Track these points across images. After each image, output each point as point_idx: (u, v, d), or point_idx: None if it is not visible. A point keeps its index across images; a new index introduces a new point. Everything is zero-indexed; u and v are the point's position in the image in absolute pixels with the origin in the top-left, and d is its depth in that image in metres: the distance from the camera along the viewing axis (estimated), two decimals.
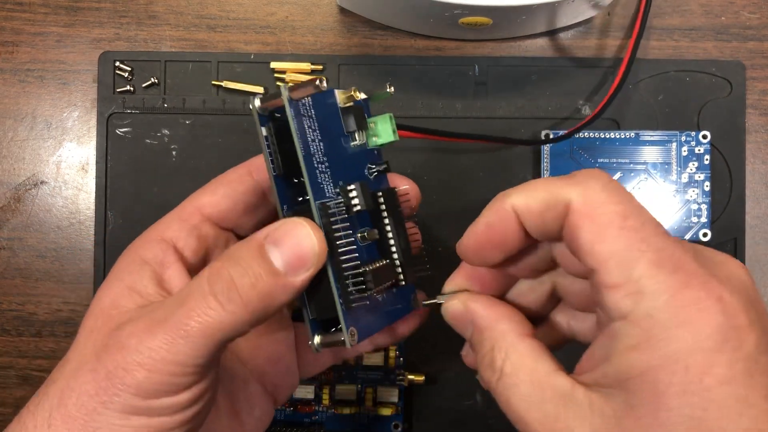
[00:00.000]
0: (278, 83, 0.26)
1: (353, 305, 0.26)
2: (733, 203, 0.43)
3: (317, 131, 0.27)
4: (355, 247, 0.27)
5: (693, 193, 0.42)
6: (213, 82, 0.43)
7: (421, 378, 0.42)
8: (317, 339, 0.26)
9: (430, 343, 0.42)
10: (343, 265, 0.26)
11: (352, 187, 0.27)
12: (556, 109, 0.43)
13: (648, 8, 0.41)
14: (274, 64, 0.43)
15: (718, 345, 0.21)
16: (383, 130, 0.29)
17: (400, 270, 0.29)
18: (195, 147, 0.43)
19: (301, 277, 0.25)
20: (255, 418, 0.32)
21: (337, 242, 0.26)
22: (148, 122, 0.43)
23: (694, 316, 0.21)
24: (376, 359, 0.42)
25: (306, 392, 0.42)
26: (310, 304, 0.27)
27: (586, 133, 0.42)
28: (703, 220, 0.42)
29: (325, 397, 0.42)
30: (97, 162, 0.43)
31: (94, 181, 0.43)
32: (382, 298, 0.29)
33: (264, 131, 0.26)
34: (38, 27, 0.44)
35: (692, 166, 0.42)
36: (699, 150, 0.42)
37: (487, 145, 0.43)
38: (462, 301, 0.27)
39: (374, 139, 0.30)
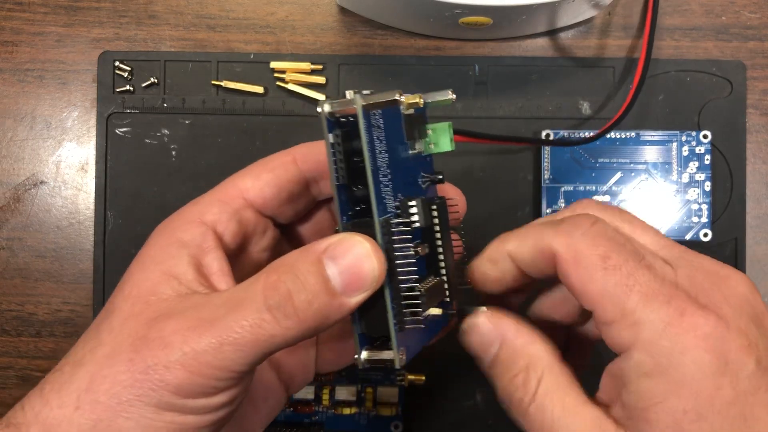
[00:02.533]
0: (352, 91, 0.25)
1: (407, 327, 0.25)
2: (733, 203, 0.43)
3: (384, 142, 0.25)
4: (414, 268, 0.26)
5: (693, 193, 0.42)
6: (213, 82, 0.43)
7: (421, 378, 0.42)
8: (365, 355, 0.25)
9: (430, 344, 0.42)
10: (400, 286, 0.25)
11: (413, 203, 0.26)
12: (556, 109, 0.43)
13: (656, 8, 0.41)
14: (273, 64, 0.43)
15: (721, 368, 0.22)
16: (442, 139, 0.28)
17: (447, 286, 0.28)
18: (195, 147, 0.43)
19: (357, 299, 0.24)
20: (269, 407, 0.31)
21: (396, 261, 0.25)
22: (147, 122, 0.43)
23: (693, 342, 0.22)
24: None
25: (306, 392, 0.42)
26: (361, 320, 0.25)
27: (586, 133, 0.42)
28: (704, 220, 0.42)
29: (325, 397, 0.42)
30: (96, 162, 0.43)
31: (93, 181, 0.43)
32: (429, 316, 0.28)
33: (331, 138, 0.25)
34: (38, 27, 0.44)
35: (693, 166, 0.42)
36: (699, 150, 0.42)
37: (487, 145, 0.43)
38: (489, 319, 0.27)
39: (431, 146, 0.28)
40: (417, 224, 0.26)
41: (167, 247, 0.27)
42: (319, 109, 0.24)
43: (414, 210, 0.26)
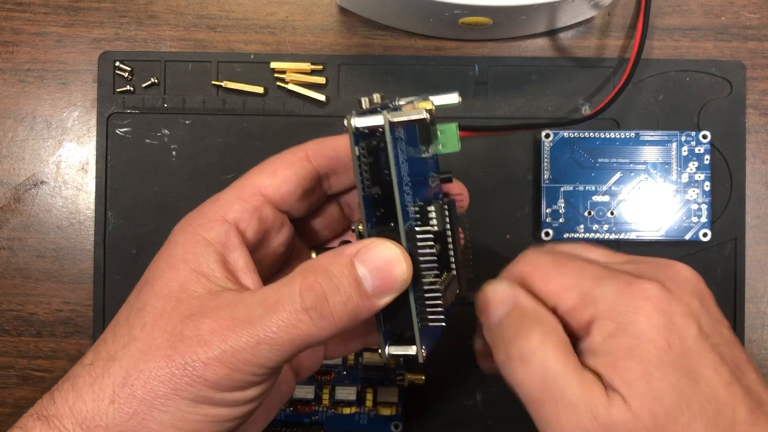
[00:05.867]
0: (377, 97, 0.26)
1: (430, 324, 0.27)
2: (733, 203, 0.43)
3: (404, 152, 0.27)
4: (435, 271, 0.27)
5: (693, 193, 0.42)
6: (213, 82, 0.43)
7: (421, 378, 0.42)
8: (390, 350, 0.27)
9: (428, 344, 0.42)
10: (424, 288, 0.27)
11: (431, 208, 0.27)
12: (556, 109, 0.43)
13: (648, 9, 0.41)
14: (274, 64, 0.43)
15: (668, 327, 0.26)
16: (449, 140, 0.29)
17: (458, 279, 0.30)
18: (195, 147, 0.43)
19: (385, 300, 0.26)
20: (280, 393, 0.33)
21: (419, 265, 0.26)
22: (148, 122, 0.43)
23: (642, 303, 0.26)
24: (377, 359, 0.42)
25: (306, 392, 0.42)
26: (385, 318, 0.27)
27: (586, 133, 0.42)
28: (703, 220, 0.42)
29: (325, 397, 0.42)
30: (97, 162, 0.43)
31: (94, 181, 0.43)
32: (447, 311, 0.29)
33: (357, 150, 0.26)
34: (38, 27, 0.44)
35: (692, 166, 0.42)
36: (699, 150, 0.42)
37: (487, 144, 0.43)
38: (506, 284, 0.29)
39: (439, 147, 0.29)
40: (435, 228, 0.28)
41: (194, 246, 0.27)
42: (346, 123, 0.25)
43: (432, 215, 0.28)
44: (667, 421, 0.25)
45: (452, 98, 0.29)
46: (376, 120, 0.25)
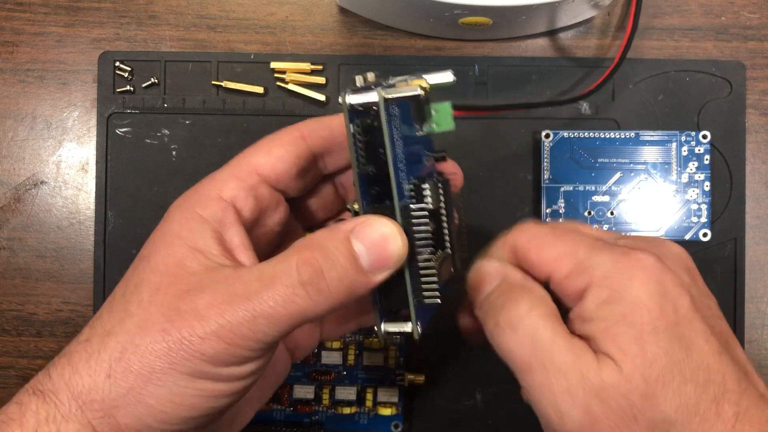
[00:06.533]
0: (372, 75, 0.26)
1: (425, 302, 0.27)
2: (733, 203, 0.43)
3: (398, 129, 0.27)
4: (429, 248, 0.27)
5: (693, 193, 0.42)
6: (213, 82, 0.43)
7: (421, 378, 0.42)
8: (386, 327, 0.28)
9: (430, 344, 0.42)
10: (419, 265, 0.27)
11: (426, 186, 0.27)
12: (556, 109, 0.43)
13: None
14: (274, 64, 0.43)
15: (662, 295, 0.26)
16: (443, 118, 0.29)
17: (453, 258, 0.30)
18: (195, 147, 0.43)
19: (381, 276, 0.26)
20: (276, 373, 0.33)
21: (414, 242, 0.27)
22: (148, 122, 0.43)
23: (638, 272, 0.26)
24: (376, 359, 0.42)
25: (306, 392, 0.42)
26: (381, 295, 0.27)
27: (586, 133, 0.42)
28: (703, 220, 0.42)
29: (325, 397, 0.42)
30: (97, 162, 0.43)
31: (94, 181, 0.43)
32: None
33: (352, 128, 0.26)
34: (38, 27, 0.44)
35: (692, 166, 0.42)
36: (699, 150, 0.42)
37: (487, 144, 0.43)
38: (494, 261, 0.30)
39: (433, 126, 0.29)
40: (430, 206, 0.27)
41: (190, 222, 0.27)
42: (341, 100, 0.25)
43: (427, 193, 0.27)
44: (658, 384, 0.25)
45: (446, 77, 0.28)
46: (371, 96, 0.25)
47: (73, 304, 0.44)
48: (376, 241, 0.26)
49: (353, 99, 0.26)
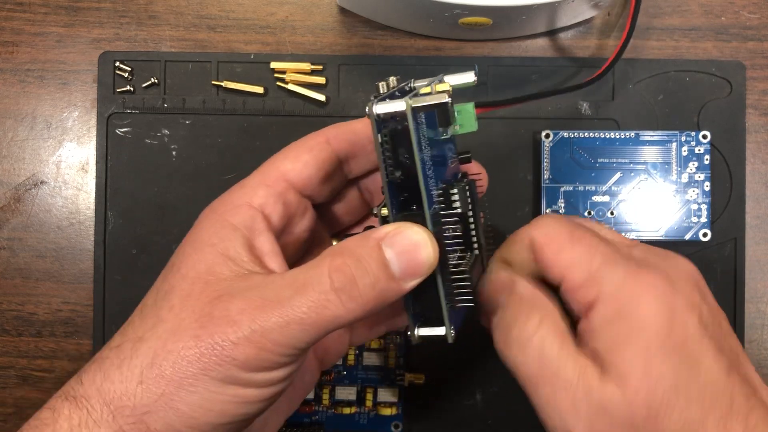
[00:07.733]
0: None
1: (458, 306, 0.27)
2: (733, 203, 0.43)
3: (425, 136, 0.27)
4: (460, 253, 0.27)
5: (693, 193, 0.42)
6: (213, 82, 0.43)
7: (421, 378, 0.42)
8: (420, 332, 0.28)
9: (430, 343, 0.42)
10: (450, 269, 0.27)
11: (454, 191, 0.27)
12: (556, 109, 0.43)
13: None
14: (274, 64, 0.43)
15: (670, 317, 0.26)
16: (467, 119, 0.29)
17: (482, 259, 0.30)
18: (195, 147, 0.43)
19: (413, 283, 0.26)
20: (305, 383, 0.33)
21: (445, 248, 0.27)
22: (148, 122, 0.43)
23: (646, 293, 0.26)
24: (376, 359, 0.42)
25: None
26: (413, 300, 0.27)
27: (586, 133, 0.42)
28: (703, 220, 0.42)
29: (325, 397, 0.42)
30: (97, 162, 0.43)
31: (94, 181, 0.43)
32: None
33: (380, 138, 0.26)
34: (38, 27, 0.44)
35: (692, 166, 0.42)
36: (699, 150, 0.42)
37: (487, 144, 0.43)
38: (504, 270, 0.30)
39: (457, 128, 0.29)
40: (459, 210, 0.28)
41: (220, 230, 0.28)
42: (367, 110, 0.25)
43: (455, 197, 0.28)
44: (662, 403, 0.25)
45: (468, 77, 0.28)
46: (398, 106, 0.25)
47: (73, 304, 0.44)
48: (407, 248, 0.26)
49: (380, 109, 0.25)
